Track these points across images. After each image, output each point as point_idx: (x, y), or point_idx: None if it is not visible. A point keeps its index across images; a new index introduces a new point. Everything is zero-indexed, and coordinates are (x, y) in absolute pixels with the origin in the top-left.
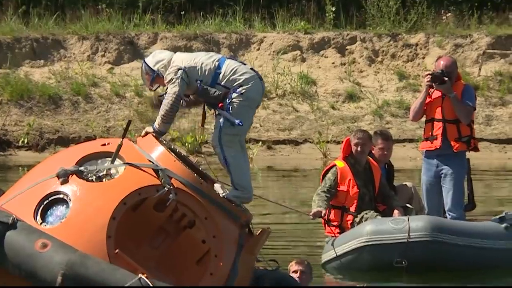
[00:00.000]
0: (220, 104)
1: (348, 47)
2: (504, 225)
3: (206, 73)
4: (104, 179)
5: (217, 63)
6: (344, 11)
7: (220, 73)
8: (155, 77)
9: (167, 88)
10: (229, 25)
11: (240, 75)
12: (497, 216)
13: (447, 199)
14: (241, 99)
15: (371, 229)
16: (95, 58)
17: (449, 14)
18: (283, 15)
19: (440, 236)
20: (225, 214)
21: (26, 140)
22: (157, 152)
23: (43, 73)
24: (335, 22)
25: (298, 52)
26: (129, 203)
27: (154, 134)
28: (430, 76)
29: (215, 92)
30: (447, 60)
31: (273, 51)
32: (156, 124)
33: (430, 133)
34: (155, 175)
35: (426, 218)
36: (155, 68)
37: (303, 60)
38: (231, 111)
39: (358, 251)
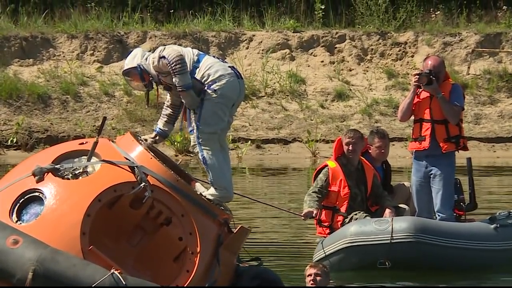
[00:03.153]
0: None
1: (337, 45)
2: (493, 225)
3: (187, 63)
4: (80, 177)
5: (196, 58)
6: (333, 9)
7: (198, 67)
8: (141, 72)
9: (159, 81)
10: (218, 24)
11: (215, 71)
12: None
13: (436, 200)
14: (214, 95)
15: (355, 230)
16: (84, 57)
17: (438, 12)
18: (272, 13)
19: (424, 237)
20: (202, 212)
21: (15, 140)
22: (134, 150)
23: (32, 72)
24: (324, 20)
25: (287, 50)
26: (104, 199)
27: (184, 92)
28: (418, 77)
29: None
30: (434, 60)
31: (262, 50)
32: (178, 84)
33: (419, 134)
34: (131, 172)
35: (409, 219)
36: (135, 64)
37: (292, 58)
38: (204, 108)
39: (343, 252)
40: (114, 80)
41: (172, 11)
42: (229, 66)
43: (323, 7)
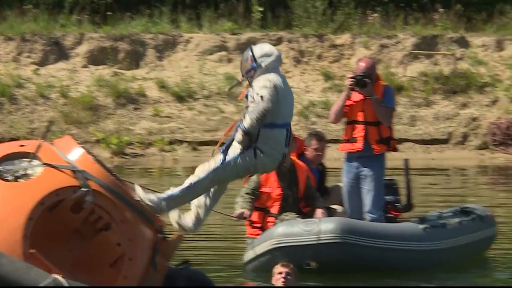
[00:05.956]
0: None
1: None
2: (423, 226)
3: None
4: (21, 179)
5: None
6: (271, 12)
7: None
8: (251, 69)
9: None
10: (156, 26)
11: None
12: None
13: (366, 200)
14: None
15: (282, 231)
16: (20, 59)
17: (375, 14)
18: (210, 16)
19: (351, 238)
20: (141, 218)
21: None
22: (76, 154)
23: None
24: (262, 22)
25: (225, 52)
26: (46, 203)
27: (242, 133)
28: (353, 80)
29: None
30: (367, 62)
31: (200, 52)
32: (245, 125)
33: (351, 135)
34: (73, 176)
35: (337, 220)
36: (258, 60)
37: (230, 61)
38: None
39: (271, 253)
40: (50, 82)
41: (110, 13)
42: None
43: (261, 9)
